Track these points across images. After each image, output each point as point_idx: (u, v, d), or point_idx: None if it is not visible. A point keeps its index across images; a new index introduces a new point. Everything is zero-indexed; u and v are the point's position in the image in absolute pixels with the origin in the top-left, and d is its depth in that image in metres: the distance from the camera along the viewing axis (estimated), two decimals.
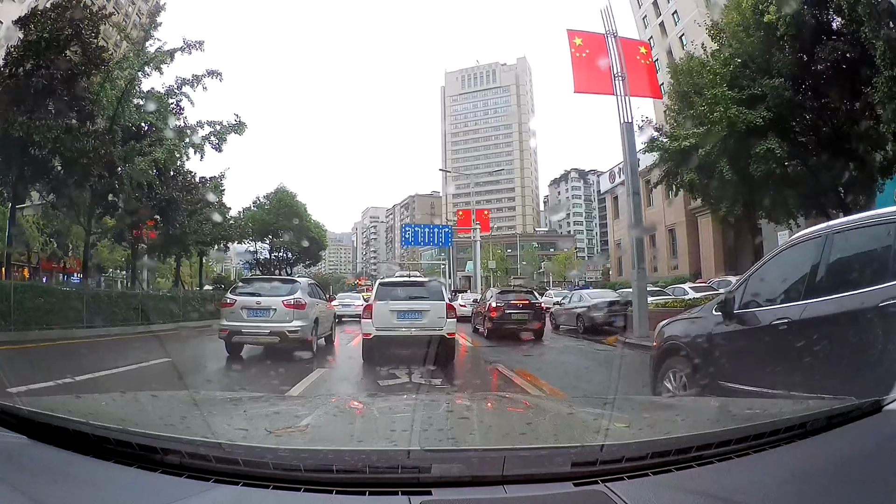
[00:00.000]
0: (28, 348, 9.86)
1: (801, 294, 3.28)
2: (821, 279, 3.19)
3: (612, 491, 1.07)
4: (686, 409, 2.12)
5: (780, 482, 1.20)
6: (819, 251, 3.23)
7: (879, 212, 3.22)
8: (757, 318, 3.56)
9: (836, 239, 3.21)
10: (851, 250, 3.22)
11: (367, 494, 1.05)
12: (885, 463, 1.20)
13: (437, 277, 14.83)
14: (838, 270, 3.18)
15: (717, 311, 3.85)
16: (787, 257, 3.68)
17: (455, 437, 1.56)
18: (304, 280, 10.74)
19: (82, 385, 5.87)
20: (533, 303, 14.54)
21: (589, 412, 1.98)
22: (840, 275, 3.16)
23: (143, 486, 1.07)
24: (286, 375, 7.33)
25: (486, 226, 38.44)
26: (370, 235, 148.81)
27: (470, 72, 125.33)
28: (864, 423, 1.34)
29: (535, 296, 15.65)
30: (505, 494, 1.07)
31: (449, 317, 8.66)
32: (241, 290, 9.77)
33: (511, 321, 13.97)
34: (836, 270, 3.18)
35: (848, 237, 3.22)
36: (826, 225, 3.41)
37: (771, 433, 1.32)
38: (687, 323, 4.46)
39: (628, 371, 6.60)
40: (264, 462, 1.09)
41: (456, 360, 9.21)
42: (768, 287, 3.69)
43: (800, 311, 3.19)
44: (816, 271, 3.22)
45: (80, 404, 1.71)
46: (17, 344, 10.03)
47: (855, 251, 3.22)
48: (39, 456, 1.18)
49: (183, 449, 1.13)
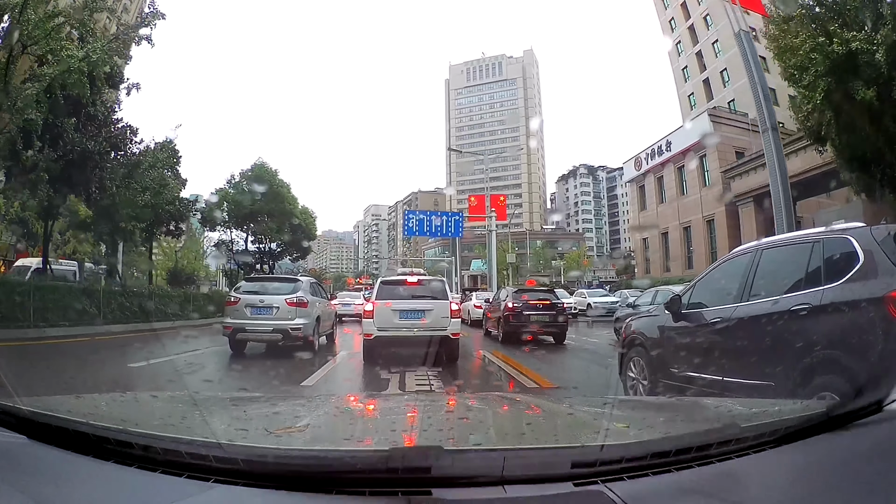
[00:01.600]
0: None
1: (733, 298, 3.91)
2: (750, 286, 3.81)
3: (611, 491, 1.07)
4: (686, 409, 2.16)
5: (780, 482, 1.20)
6: (750, 263, 3.90)
7: (802, 232, 4.00)
8: (698, 317, 4.25)
9: (765, 254, 3.90)
10: (777, 263, 3.82)
11: (366, 494, 1.05)
12: (885, 463, 1.20)
13: (440, 276, 13.69)
14: (764, 280, 3.77)
15: (667, 311, 4.47)
16: (727, 267, 4.36)
17: (455, 437, 1.56)
18: (306, 279, 11.05)
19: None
20: (554, 303, 12.93)
21: (589, 412, 1.97)
22: (766, 283, 3.75)
23: (143, 486, 1.07)
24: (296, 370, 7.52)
25: (502, 214, 32.50)
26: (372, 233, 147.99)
27: (475, 64, 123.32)
28: (864, 423, 1.34)
29: (556, 295, 13.95)
30: (505, 494, 1.07)
31: (453, 317, 8.44)
32: (244, 289, 10.16)
33: (529, 324, 12.32)
34: (762, 280, 3.78)
35: (775, 253, 3.91)
36: (757, 242, 4.17)
37: (771, 433, 1.31)
38: (646, 319, 5.30)
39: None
40: (264, 462, 1.10)
41: (468, 374, 8.57)
42: (709, 291, 4.37)
43: (731, 312, 3.87)
44: (747, 280, 3.86)
45: (80, 404, 1.72)
46: None
47: (779, 264, 3.81)
48: (39, 456, 1.18)
49: (183, 449, 1.13)
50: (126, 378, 6.97)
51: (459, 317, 8.93)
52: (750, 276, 3.80)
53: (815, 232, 3.67)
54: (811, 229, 4.13)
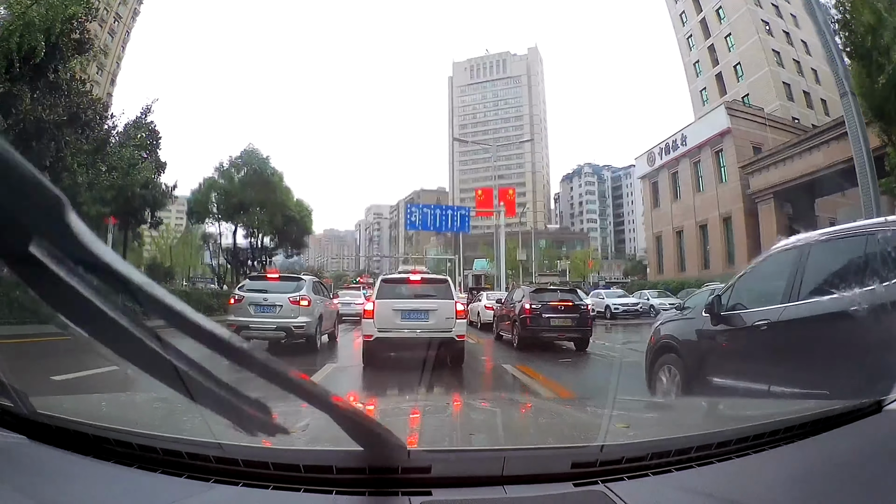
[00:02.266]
0: None
1: (781, 298, 3.56)
2: (799, 285, 3.47)
3: (611, 491, 1.06)
4: (686, 409, 2.17)
5: (780, 482, 1.19)
6: (799, 258, 3.56)
7: (858, 224, 3.56)
8: (741, 319, 3.87)
9: (816, 248, 3.54)
10: (829, 259, 3.50)
11: (366, 495, 1.04)
12: (885, 463, 1.19)
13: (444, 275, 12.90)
14: (815, 277, 3.44)
15: (706, 313, 4.16)
16: (771, 263, 4.01)
17: (455, 437, 1.57)
18: (308, 278, 11.26)
19: None
20: (578, 305, 11.47)
21: (589, 412, 1.98)
22: (817, 281, 3.42)
23: (142, 486, 1.06)
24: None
25: (511, 209, 30.55)
26: (373, 232, 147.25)
27: (479, 61, 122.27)
28: (864, 423, 1.32)
29: (578, 295, 12.47)
30: (505, 495, 1.06)
31: (459, 318, 8.06)
32: (248, 287, 10.38)
33: (550, 329, 10.97)
34: (813, 277, 3.44)
35: (828, 246, 3.53)
36: (806, 235, 3.72)
37: (771, 433, 1.30)
38: (680, 323, 4.91)
39: None
40: (264, 462, 1.08)
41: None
42: (752, 291, 4.01)
43: (778, 313, 3.51)
44: (795, 277, 3.51)
45: (80, 404, 1.70)
46: None
47: (832, 260, 3.49)
48: (39, 456, 1.16)
49: (183, 449, 1.11)
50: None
51: (465, 318, 8.63)
52: (801, 272, 3.49)
53: (873, 223, 3.36)
54: (864, 220, 3.84)
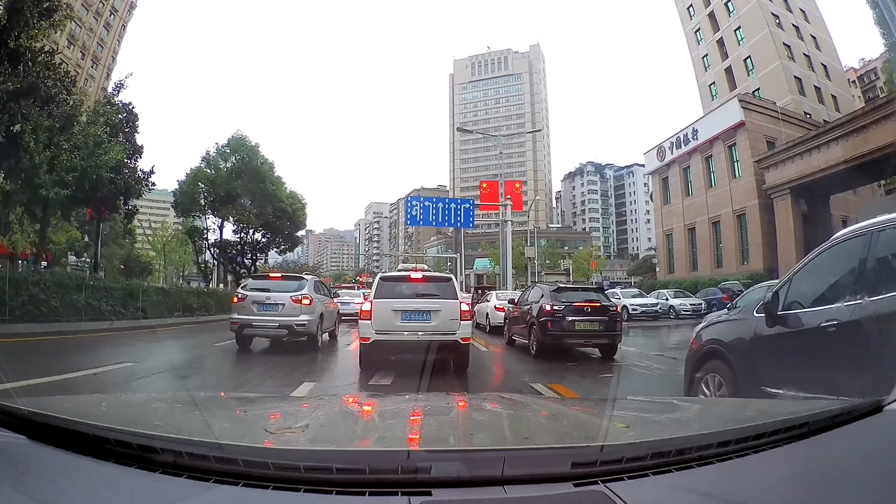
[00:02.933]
0: None
1: (850, 294, 3.13)
2: (871, 278, 3.04)
3: (611, 491, 1.06)
4: (686, 409, 2.14)
5: (780, 482, 1.19)
6: (868, 247, 3.10)
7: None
8: (802, 319, 3.43)
9: (885, 236, 3.06)
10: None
11: (366, 495, 1.04)
12: (885, 463, 1.18)
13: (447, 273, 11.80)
14: (888, 270, 3.03)
15: (760, 313, 3.73)
16: (832, 256, 3.52)
17: (455, 438, 1.57)
18: (310, 277, 11.62)
19: None
20: (606, 306, 10.04)
21: (589, 412, 1.95)
22: (891, 274, 3.00)
23: (142, 487, 1.07)
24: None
25: (518, 203, 28.34)
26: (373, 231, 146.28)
27: (480, 59, 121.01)
28: (864, 423, 1.32)
29: (606, 296, 10.96)
30: (505, 495, 1.06)
31: (463, 319, 7.46)
32: (251, 286, 10.64)
33: (574, 333, 9.67)
34: (885, 270, 3.03)
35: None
36: (866, 223, 3.22)
37: (771, 433, 1.30)
38: (728, 325, 4.36)
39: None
40: (264, 462, 1.08)
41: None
42: (813, 287, 3.56)
43: (849, 312, 3.05)
44: (865, 270, 3.09)
45: (80, 404, 1.70)
46: None
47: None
48: (39, 456, 1.16)
49: (183, 449, 1.11)
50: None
51: (471, 319, 8.14)
52: (871, 263, 3.02)
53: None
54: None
